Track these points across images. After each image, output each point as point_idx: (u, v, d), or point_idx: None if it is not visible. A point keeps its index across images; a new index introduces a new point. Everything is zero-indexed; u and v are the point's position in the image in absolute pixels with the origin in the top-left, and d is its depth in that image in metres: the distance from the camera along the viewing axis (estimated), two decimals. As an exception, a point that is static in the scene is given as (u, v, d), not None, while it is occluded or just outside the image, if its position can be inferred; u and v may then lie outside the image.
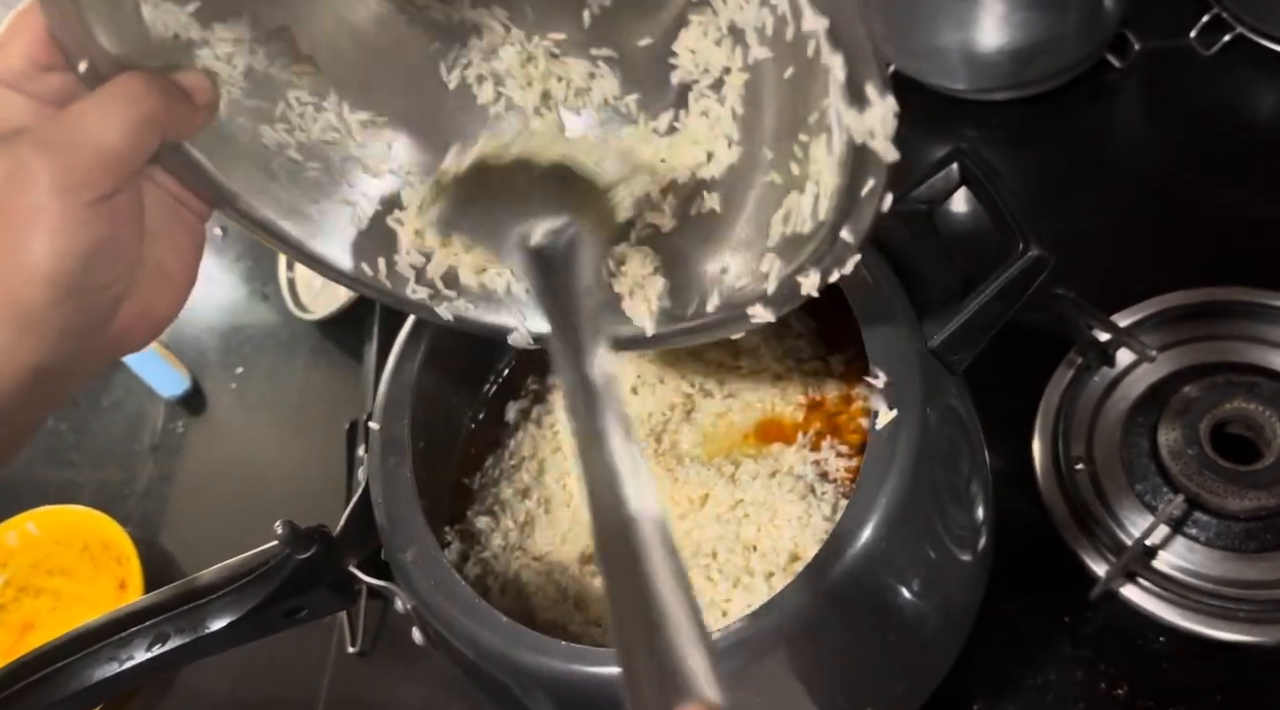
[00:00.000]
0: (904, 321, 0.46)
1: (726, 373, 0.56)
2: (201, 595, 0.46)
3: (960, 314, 0.45)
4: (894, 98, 0.33)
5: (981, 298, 0.45)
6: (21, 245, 0.33)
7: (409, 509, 0.47)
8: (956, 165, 0.47)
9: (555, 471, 0.56)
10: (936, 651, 0.52)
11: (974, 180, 0.47)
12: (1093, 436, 0.62)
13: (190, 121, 0.37)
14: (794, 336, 0.56)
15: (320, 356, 0.83)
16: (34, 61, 0.34)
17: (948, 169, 0.47)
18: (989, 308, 0.45)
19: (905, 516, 0.43)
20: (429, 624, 0.45)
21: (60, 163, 0.33)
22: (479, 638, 0.43)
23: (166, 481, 0.81)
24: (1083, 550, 0.58)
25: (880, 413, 0.43)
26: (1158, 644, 0.57)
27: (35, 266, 0.33)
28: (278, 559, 0.46)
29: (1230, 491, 0.57)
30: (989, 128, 0.78)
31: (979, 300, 0.45)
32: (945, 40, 0.73)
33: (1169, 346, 0.63)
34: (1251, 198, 0.70)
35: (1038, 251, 0.44)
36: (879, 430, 0.43)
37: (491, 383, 0.61)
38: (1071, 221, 0.72)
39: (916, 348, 0.45)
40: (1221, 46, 0.74)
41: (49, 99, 0.35)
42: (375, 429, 0.49)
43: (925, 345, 0.46)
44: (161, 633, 0.45)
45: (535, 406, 0.60)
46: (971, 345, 0.46)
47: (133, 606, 0.47)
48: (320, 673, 0.70)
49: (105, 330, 0.37)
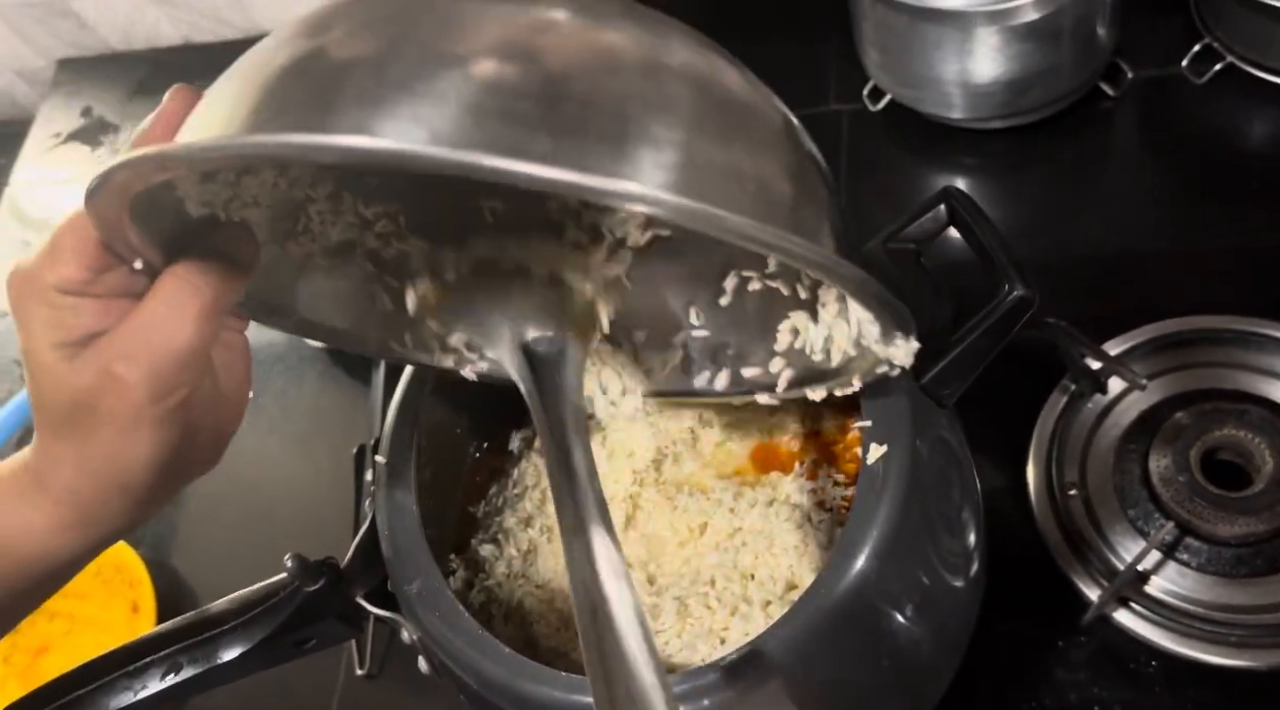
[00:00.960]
0: None
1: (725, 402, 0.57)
2: (213, 626, 0.47)
3: (948, 352, 0.46)
4: (916, 339, 0.40)
5: (968, 337, 0.46)
6: (129, 446, 0.36)
7: (414, 542, 0.48)
8: (944, 207, 0.49)
9: None
10: (932, 675, 0.53)
11: (961, 221, 0.48)
12: (1085, 462, 0.63)
13: (243, 278, 0.38)
14: None
15: (328, 381, 0.84)
16: (91, 268, 0.36)
17: (936, 210, 0.49)
18: (976, 345, 0.46)
19: (897, 545, 0.44)
20: (434, 654, 0.47)
21: (147, 371, 0.35)
22: (482, 669, 0.44)
23: (178, 505, 0.82)
24: (1076, 575, 0.60)
25: (871, 447, 0.45)
26: (1150, 668, 0.58)
27: (141, 459, 0.37)
28: (287, 591, 0.47)
29: (1220, 517, 0.58)
30: (984, 156, 0.79)
31: (966, 339, 0.46)
32: (941, 70, 0.74)
33: (1160, 374, 0.64)
34: (1242, 225, 0.71)
35: (1022, 292, 0.45)
36: (870, 465, 0.45)
37: (496, 411, 0.63)
38: (1064, 249, 0.73)
39: (905, 384, 0.47)
40: (1213, 75, 0.75)
41: (114, 295, 0.36)
42: (381, 462, 0.51)
43: (915, 381, 0.47)
44: (175, 663, 0.47)
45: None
46: (960, 380, 0.48)
47: (146, 637, 0.48)
48: (330, 695, 0.71)
49: (190, 467, 0.41)
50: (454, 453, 0.60)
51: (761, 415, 0.56)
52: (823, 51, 0.87)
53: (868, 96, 0.82)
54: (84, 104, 1.08)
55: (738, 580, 0.51)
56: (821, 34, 0.87)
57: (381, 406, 0.72)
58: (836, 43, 0.85)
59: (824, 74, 0.86)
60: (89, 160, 1.03)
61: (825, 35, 0.86)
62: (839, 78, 0.85)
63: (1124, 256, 0.72)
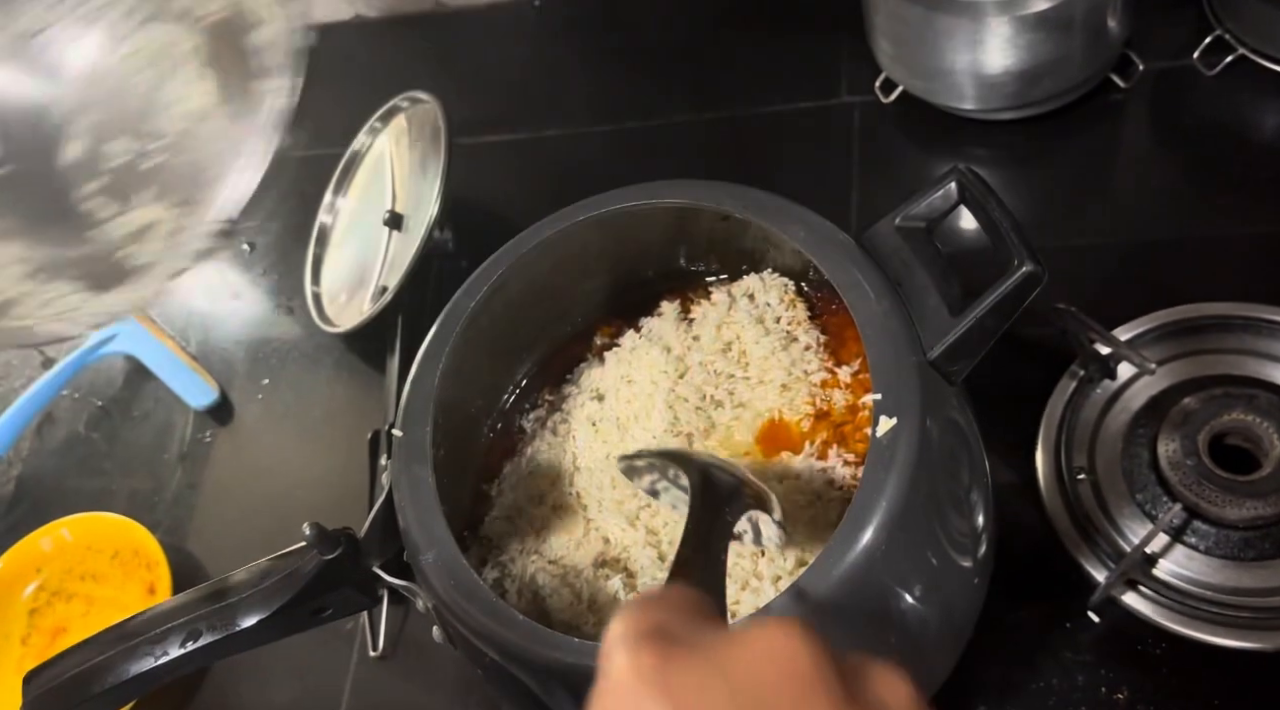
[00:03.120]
0: (903, 335, 0.48)
1: (736, 383, 0.58)
2: (232, 594, 0.48)
3: (956, 328, 0.47)
4: None
5: (977, 312, 0.47)
6: None
7: (430, 512, 0.49)
8: (955, 184, 0.49)
9: (569, 480, 0.58)
10: (938, 655, 0.53)
11: (971, 199, 0.49)
12: (1094, 447, 0.64)
13: None
14: (802, 349, 0.58)
15: (344, 369, 0.85)
16: None
17: (946, 188, 0.49)
18: (985, 322, 0.47)
19: (905, 521, 0.45)
20: (449, 623, 0.47)
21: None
22: (498, 635, 0.45)
23: (194, 489, 0.83)
24: (1084, 558, 0.60)
25: (881, 420, 0.45)
26: (1158, 650, 0.58)
27: None
28: (305, 559, 0.48)
29: (1228, 501, 0.58)
30: (995, 147, 0.80)
31: (974, 315, 0.47)
32: (953, 62, 0.75)
33: (1169, 360, 0.65)
34: (1252, 215, 0.71)
35: (1031, 267, 0.46)
36: (879, 437, 0.45)
37: (510, 393, 0.64)
38: (1075, 238, 0.74)
39: (915, 360, 0.47)
40: (1224, 67, 0.76)
41: None
42: (399, 435, 0.52)
43: (924, 357, 0.48)
44: (195, 630, 0.48)
45: (551, 416, 0.62)
46: (969, 357, 0.48)
47: (167, 604, 0.49)
48: (343, 676, 0.72)
49: None
50: (468, 433, 0.61)
51: (771, 394, 0.57)
52: (834, 44, 0.87)
53: (879, 88, 0.83)
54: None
55: (748, 557, 0.52)
56: (833, 26, 0.87)
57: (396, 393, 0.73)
58: (848, 35, 0.85)
59: (836, 66, 0.87)
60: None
61: (837, 28, 0.87)
62: (851, 70, 0.86)
63: (1134, 245, 0.72)
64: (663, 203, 0.56)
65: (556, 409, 0.62)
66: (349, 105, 0.93)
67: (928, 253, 0.49)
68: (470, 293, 0.56)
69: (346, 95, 0.98)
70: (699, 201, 0.55)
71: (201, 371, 0.87)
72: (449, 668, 0.70)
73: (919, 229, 0.50)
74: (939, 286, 0.48)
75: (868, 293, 0.49)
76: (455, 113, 0.81)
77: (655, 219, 0.58)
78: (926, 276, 0.49)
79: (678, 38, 0.94)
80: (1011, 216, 0.47)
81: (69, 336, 0.51)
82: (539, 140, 0.93)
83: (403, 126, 0.88)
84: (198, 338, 0.90)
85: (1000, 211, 0.47)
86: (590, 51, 0.97)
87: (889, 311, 0.48)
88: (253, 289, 0.92)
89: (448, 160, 0.78)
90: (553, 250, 0.57)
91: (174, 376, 0.87)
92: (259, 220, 0.93)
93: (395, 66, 1.01)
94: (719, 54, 0.91)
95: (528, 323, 0.62)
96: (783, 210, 0.53)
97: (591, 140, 0.91)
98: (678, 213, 0.58)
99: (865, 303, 0.49)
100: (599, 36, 0.98)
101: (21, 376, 0.93)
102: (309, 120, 0.99)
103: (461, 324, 0.55)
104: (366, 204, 0.88)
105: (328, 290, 0.87)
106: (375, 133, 0.89)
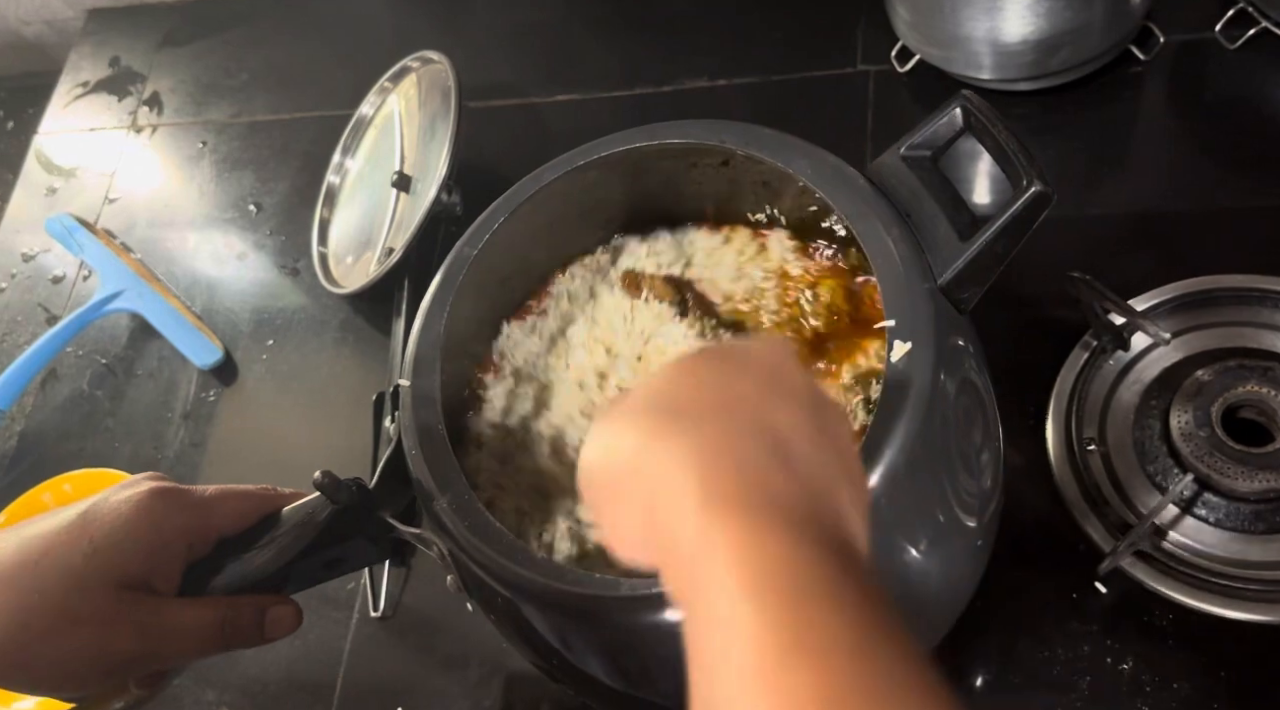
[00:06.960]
0: (914, 262, 0.47)
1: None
2: (245, 546, 0.48)
3: (966, 252, 0.46)
4: None
5: (987, 236, 0.46)
6: None
7: (443, 457, 0.48)
8: (959, 109, 0.48)
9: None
10: (936, 613, 0.53)
11: (977, 124, 0.48)
12: (1106, 418, 0.63)
13: None
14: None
15: (349, 330, 0.85)
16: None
17: (950, 114, 0.48)
18: (994, 245, 0.46)
19: (916, 464, 0.44)
20: (466, 567, 0.47)
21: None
22: (515, 574, 0.44)
23: (198, 448, 0.83)
24: (1093, 529, 0.59)
25: (895, 345, 0.45)
26: (1165, 621, 0.58)
27: None
28: (316, 507, 0.47)
29: (1240, 473, 0.58)
30: (1012, 118, 0.77)
31: (984, 238, 0.46)
32: (970, 30, 0.74)
33: (1184, 331, 0.64)
34: (1271, 189, 0.70)
35: (1040, 187, 0.45)
36: (894, 362, 0.44)
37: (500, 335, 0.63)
38: (1092, 208, 0.73)
39: (928, 286, 0.47)
40: (1246, 40, 0.75)
41: None
42: (406, 385, 0.51)
43: (935, 284, 0.47)
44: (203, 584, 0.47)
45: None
46: (979, 284, 0.48)
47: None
48: (343, 636, 0.71)
49: None
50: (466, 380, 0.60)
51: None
52: (851, 11, 0.86)
53: (895, 57, 0.82)
54: (112, 54, 1.08)
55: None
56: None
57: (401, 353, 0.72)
58: (865, 2, 0.84)
59: (851, 34, 0.86)
60: (114, 109, 1.04)
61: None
62: (867, 38, 0.85)
63: (1150, 216, 0.72)
64: (664, 144, 0.55)
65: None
66: (358, 66, 0.92)
67: (935, 182, 0.49)
68: (472, 242, 0.56)
69: (356, 56, 0.97)
70: (701, 140, 0.54)
71: (206, 331, 0.86)
72: (450, 629, 0.70)
73: (924, 158, 0.49)
74: (948, 214, 0.48)
75: (876, 223, 0.48)
76: (465, 77, 0.80)
77: (659, 165, 0.58)
78: (935, 205, 0.48)
79: (692, 3, 0.93)
80: (1017, 138, 0.47)
81: None
82: (550, 105, 0.92)
83: (413, 88, 0.87)
84: (203, 297, 0.90)
85: (1006, 134, 0.46)
86: (603, 16, 0.96)
87: (899, 239, 0.48)
88: (258, 250, 0.91)
89: (458, 120, 0.77)
90: (553, 197, 0.57)
91: (178, 335, 0.86)
92: (266, 180, 0.93)
93: (406, 30, 1.00)
94: (733, 19, 0.90)
95: (530, 270, 0.62)
96: (787, 145, 0.53)
97: (603, 106, 0.90)
98: (683, 155, 0.56)
99: (874, 233, 0.48)
100: (613, 1, 0.97)
101: (25, 333, 0.92)
102: (318, 80, 0.99)
103: (464, 273, 0.55)
104: (374, 165, 0.87)
105: (334, 251, 0.87)
106: (385, 93, 0.88)
